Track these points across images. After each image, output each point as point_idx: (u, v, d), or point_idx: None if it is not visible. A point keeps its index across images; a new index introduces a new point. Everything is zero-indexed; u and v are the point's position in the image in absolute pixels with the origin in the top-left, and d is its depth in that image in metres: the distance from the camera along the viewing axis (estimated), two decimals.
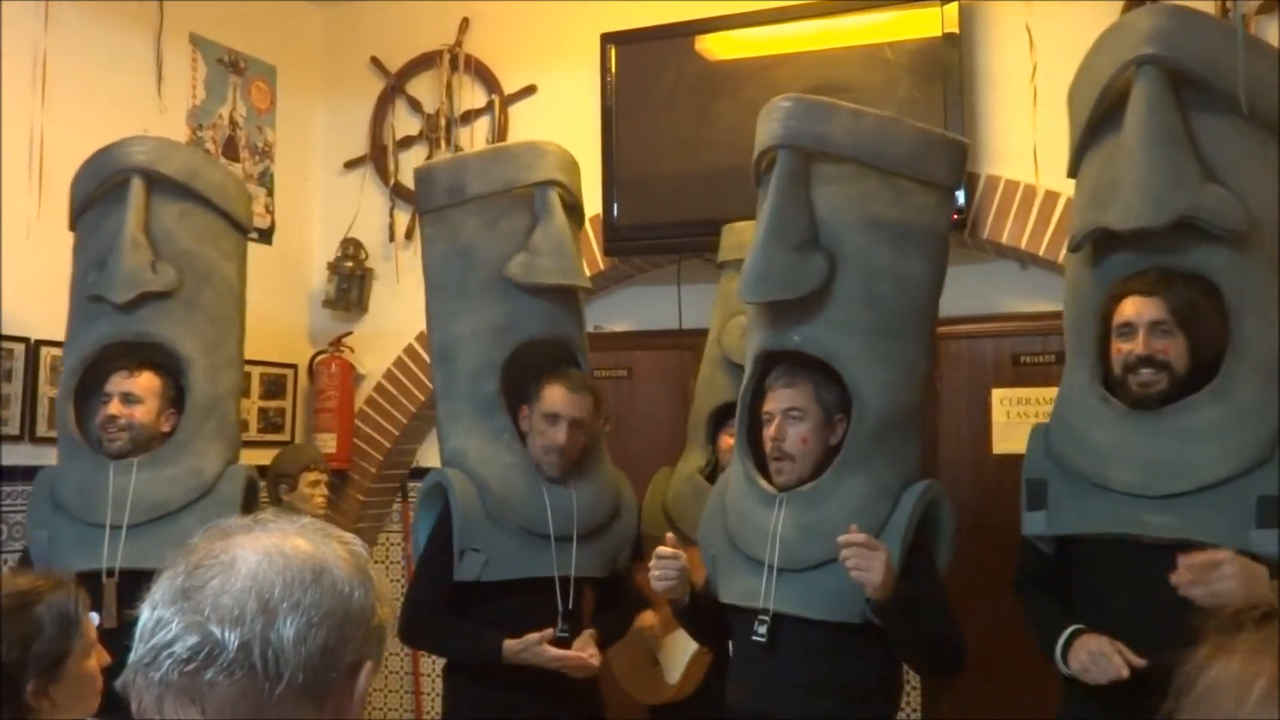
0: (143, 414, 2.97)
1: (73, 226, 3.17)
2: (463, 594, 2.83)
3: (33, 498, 3.02)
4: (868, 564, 2.27)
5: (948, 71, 3.76)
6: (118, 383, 2.97)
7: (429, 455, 4.69)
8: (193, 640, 0.99)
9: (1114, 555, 2.29)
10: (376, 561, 4.78)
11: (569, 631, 2.84)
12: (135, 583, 2.66)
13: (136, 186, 3.01)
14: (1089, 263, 2.48)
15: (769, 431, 2.51)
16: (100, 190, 3.09)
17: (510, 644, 2.74)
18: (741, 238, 3.16)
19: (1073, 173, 2.56)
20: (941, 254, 2.61)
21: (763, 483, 2.55)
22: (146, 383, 2.99)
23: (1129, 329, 2.31)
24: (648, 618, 3.30)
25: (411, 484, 4.74)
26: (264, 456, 4.24)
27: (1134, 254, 2.38)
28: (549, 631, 2.76)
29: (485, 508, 2.86)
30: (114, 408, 2.95)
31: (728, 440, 3.14)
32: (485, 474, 2.90)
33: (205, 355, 3.08)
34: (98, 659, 1.87)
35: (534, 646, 2.74)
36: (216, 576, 1.02)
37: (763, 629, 2.45)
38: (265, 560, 1.04)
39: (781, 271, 2.44)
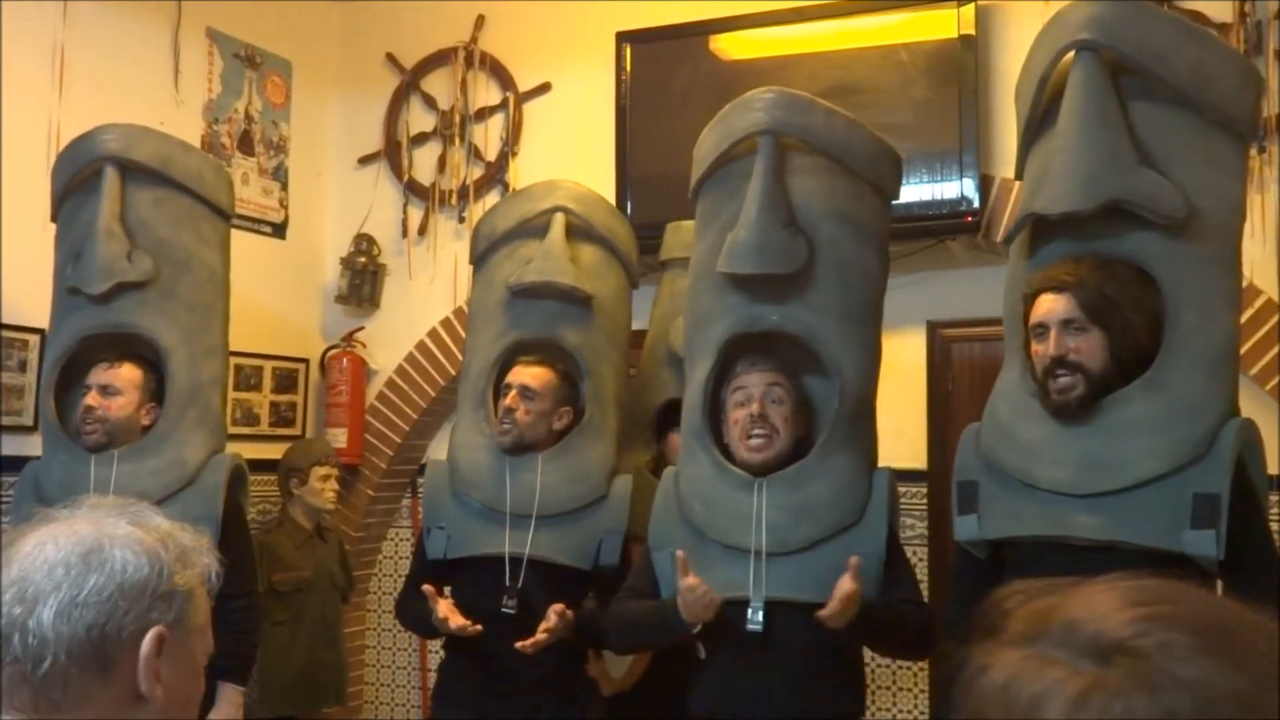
0: (120, 406, 2.96)
1: (54, 218, 3.16)
2: (438, 571, 2.95)
3: (17, 491, 3.02)
4: (844, 619, 2.31)
5: (963, 73, 3.75)
6: (98, 374, 2.97)
7: (439, 451, 4.69)
8: None
9: (1045, 559, 2.16)
10: (385, 557, 4.80)
11: (515, 609, 2.83)
12: None
13: (110, 175, 2.99)
14: (1023, 253, 2.41)
15: (750, 408, 2.49)
16: (76, 180, 3.07)
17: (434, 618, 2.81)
18: (686, 237, 3.21)
19: (1019, 174, 2.48)
20: (887, 255, 2.69)
21: (735, 468, 2.52)
22: (127, 374, 2.98)
23: (1042, 330, 2.21)
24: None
25: (421, 480, 4.74)
26: (275, 450, 4.26)
27: (1065, 243, 2.30)
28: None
29: (451, 487, 2.99)
30: (92, 399, 2.94)
31: (676, 439, 3.12)
32: (458, 456, 3.04)
33: (184, 344, 3.06)
34: None
35: (435, 607, 2.79)
36: None
37: (759, 616, 2.39)
38: (36, 552, 1.11)
39: (776, 246, 2.48)
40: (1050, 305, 2.20)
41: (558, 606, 2.73)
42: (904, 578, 2.51)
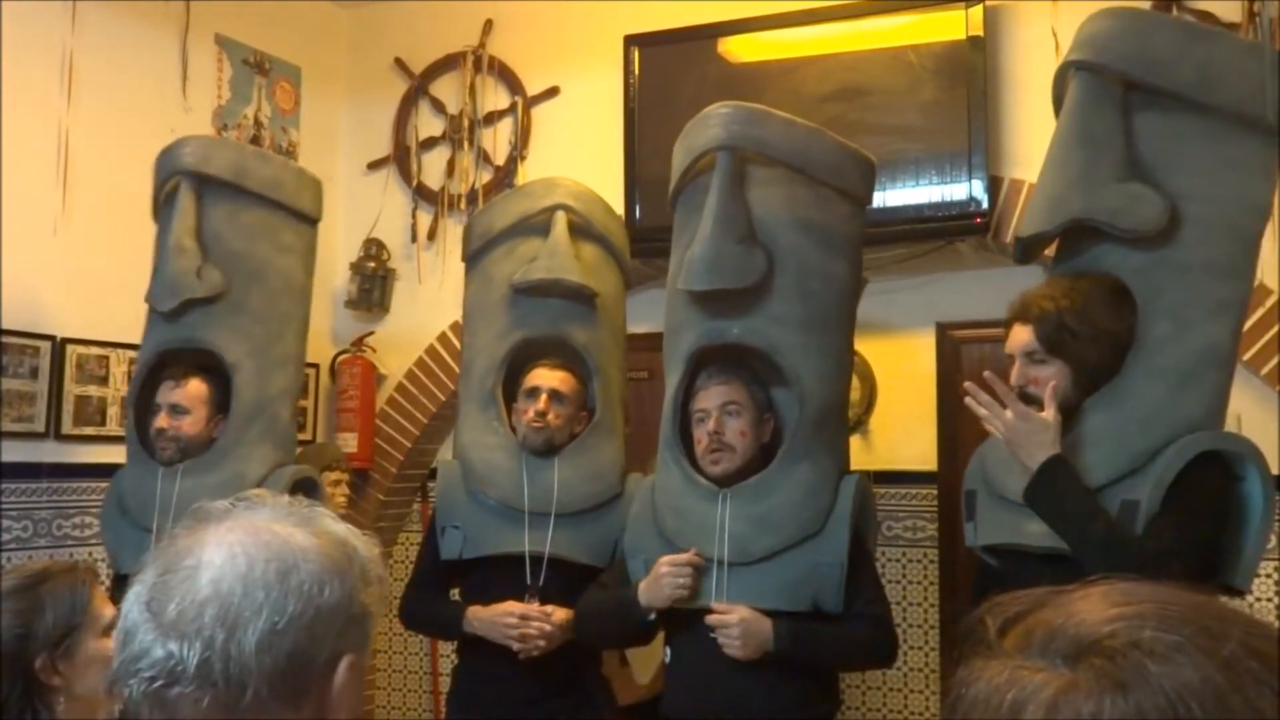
0: (189, 425, 3.00)
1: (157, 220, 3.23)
2: (452, 571, 2.97)
3: (105, 498, 3.14)
4: (748, 650, 2.38)
5: (972, 75, 3.75)
6: (165, 394, 3.02)
7: (449, 455, 4.70)
8: (157, 656, 1.01)
9: (1021, 568, 2.23)
10: (396, 561, 4.80)
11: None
12: None
13: (185, 189, 3.03)
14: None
15: (707, 426, 2.55)
16: (164, 192, 3.13)
17: (470, 612, 2.85)
18: None
19: None
20: (858, 261, 2.70)
21: (702, 479, 2.57)
22: (194, 391, 3.01)
23: (1012, 359, 2.30)
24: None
25: (432, 484, 4.76)
26: None
27: (1063, 261, 2.41)
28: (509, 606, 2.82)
29: (465, 485, 2.98)
30: (162, 420, 3.00)
31: None
32: (471, 455, 3.03)
33: (252, 358, 3.08)
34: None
35: (486, 614, 2.81)
36: (180, 584, 1.03)
37: None
38: (229, 564, 1.03)
39: (730, 262, 2.50)
40: (1016, 336, 2.29)
41: (559, 611, 2.80)
42: (865, 588, 2.52)
